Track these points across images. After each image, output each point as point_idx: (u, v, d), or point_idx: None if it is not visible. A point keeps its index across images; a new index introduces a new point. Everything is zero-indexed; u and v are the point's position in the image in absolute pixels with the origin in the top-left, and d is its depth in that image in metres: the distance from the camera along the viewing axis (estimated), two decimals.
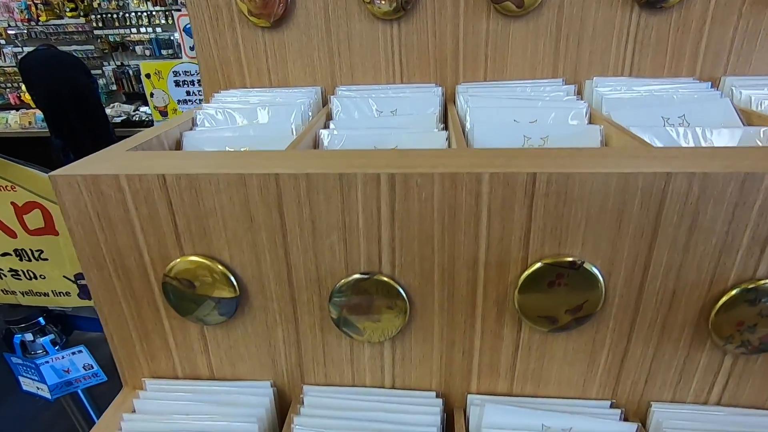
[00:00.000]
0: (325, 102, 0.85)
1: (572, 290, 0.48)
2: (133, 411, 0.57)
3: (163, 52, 4.54)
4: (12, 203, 0.78)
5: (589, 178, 0.44)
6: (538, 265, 0.48)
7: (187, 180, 0.49)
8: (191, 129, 0.74)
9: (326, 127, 0.72)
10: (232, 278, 0.53)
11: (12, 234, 0.82)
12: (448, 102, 0.82)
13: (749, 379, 0.52)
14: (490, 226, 0.48)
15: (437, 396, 0.57)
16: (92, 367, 1.02)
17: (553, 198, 0.46)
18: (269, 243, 0.51)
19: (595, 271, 0.48)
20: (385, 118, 0.74)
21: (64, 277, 0.88)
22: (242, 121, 0.74)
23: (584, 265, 0.47)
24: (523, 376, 0.56)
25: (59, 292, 0.91)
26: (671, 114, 0.66)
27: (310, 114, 0.77)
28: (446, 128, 0.71)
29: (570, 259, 0.47)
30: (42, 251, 0.84)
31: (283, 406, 0.61)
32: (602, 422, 0.53)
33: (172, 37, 4.51)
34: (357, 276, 0.51)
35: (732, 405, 0.54)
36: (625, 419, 0.55)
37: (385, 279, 0.51)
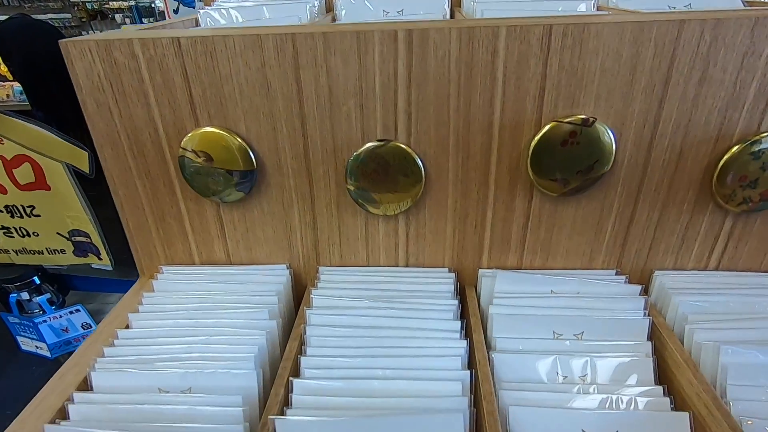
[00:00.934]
0: (329, 9, 0.84)
1: (584, 149, 0.50)
2: (153, 291, 0.59)
3: (145, 20, 4.35)
4: (0, 157, 0.75)
5: (604, 29, 0.45)
6: (552, 124, 0.49)
7: (203, 43, 0.49)
8: (195, 27, 0.73)
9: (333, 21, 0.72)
10: (249, 151, 0.53)
11: (2, 189, 0.78)
12: (455, 7, 0.81)
13: (747, 242, 0.55)
14: (505, 85, 0.48)
15: (450, 271, 0.59)
16: (90, 327, 1.01)
17: (568, 53, 0.46)
18: (286, 112, 0.52)
19: (607, 129, 0.49)
20: (391, 17, 0.74)
21: (57, 234, 0.85)
22: (247, 21, 0.73)
23: (596, 122, 0.48)
24: (532, 248, 0.58)
25: (53, 250, 0.89)
26: (677, 3, 0.66)
27: (316, 14, 0.76)
28: None
29: (583, 116, 0.48)
30: (34, 207, 0.81)
31: (299, 289, 0.62)
32: (608, 286, 0.56)
33: (153, 4, 4.32)
34: (374, 143, 0.52)
35: (730, 270, 0.57)
36: None
37: (401, 145, 0.52)
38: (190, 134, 0.53)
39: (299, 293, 0.62)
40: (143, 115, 0.53)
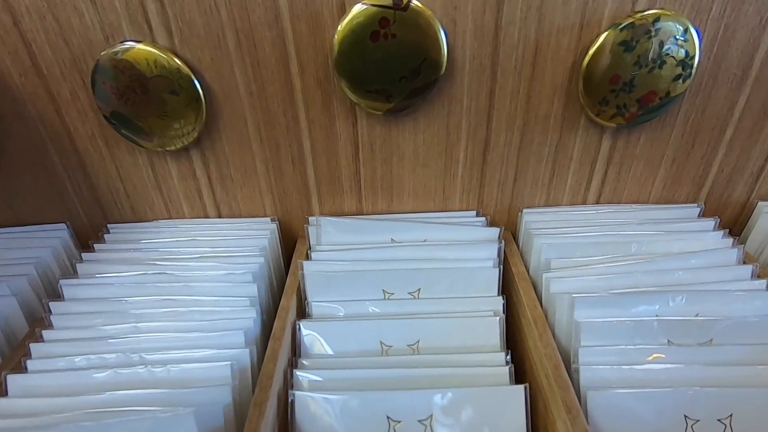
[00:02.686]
0: None
1: (404, 45, 0.36)
2: None
3: None
4: None
5: None
6: (356, 9, 0.36)
7: None
8: None
9: None
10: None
11: None
12: None
13: (631, 167, 0.44)
14: None
15: (272, 221, 0.47)
16: None
17: None
18: None
19: (432, 13, 0.36)
20: None
21: None
22: None
23: (412, 3, 0.35)
24: (371, 187, 0.46)
25: None
26: None
27: None
28: None
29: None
30: None
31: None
32: (459, 230, 0.44)
33: None
34: (117, 47, 0.37)
35: (613, 203, 0.47)
36: None
37: (151, 49, 0.37)
38: None
39: None
40: None
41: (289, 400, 0.33)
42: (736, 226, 0.48)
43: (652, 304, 0.37)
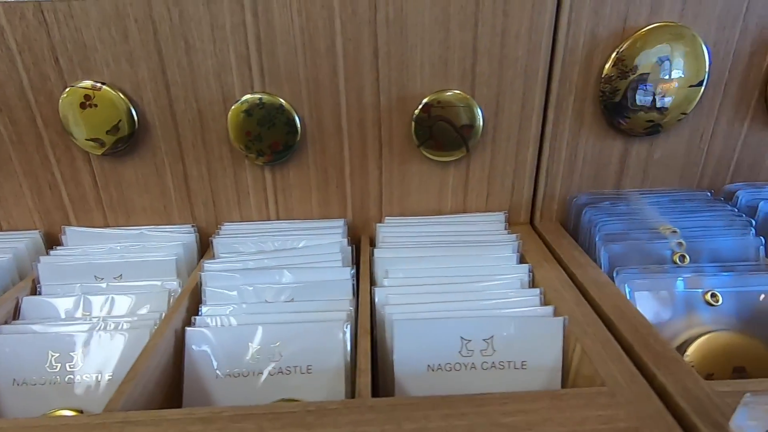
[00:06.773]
0: None
1: (104, 111, 0.57)
2: None
3: None
4: None
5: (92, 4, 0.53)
6: (70, 89, 0.56)
7: None
8: None
9: None
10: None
11: None
12: None
13: (292, 193, 0.64)
14: (22, 55, 0.55)
15: (40, 233, 0.64)
16: None
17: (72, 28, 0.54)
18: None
19: (117, 94, 0.56)
20: None
21: None
22: None
23: (105, 86, 0.56)
24: (110, 205, 0.64)
25: None
26: None
27: None
28: None
29: (90, 82, 0.56)
30: None
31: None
32: (170, 238, 0.62)
33: None
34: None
35: (290, 219, 0.66)
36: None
37: None
38: None
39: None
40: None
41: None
42: None
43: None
